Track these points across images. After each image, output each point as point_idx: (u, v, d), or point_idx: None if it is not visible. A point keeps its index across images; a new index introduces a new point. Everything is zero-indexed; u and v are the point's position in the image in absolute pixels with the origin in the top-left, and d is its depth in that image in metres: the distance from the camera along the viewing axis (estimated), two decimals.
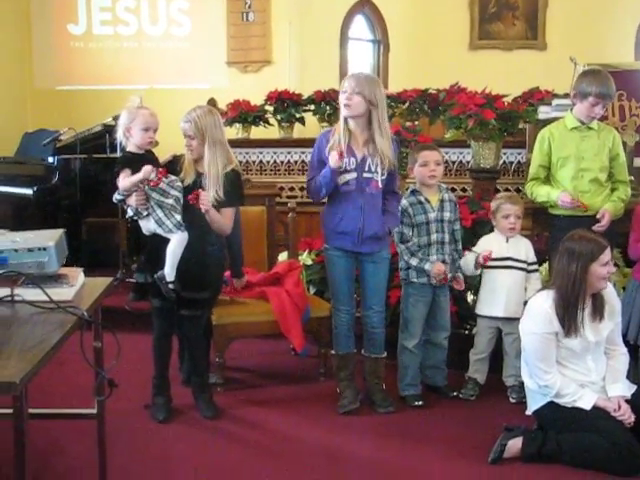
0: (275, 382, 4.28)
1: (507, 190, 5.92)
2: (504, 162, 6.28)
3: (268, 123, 7.20)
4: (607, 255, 3.27)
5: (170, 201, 3.52)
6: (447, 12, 9.51)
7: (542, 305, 3.31)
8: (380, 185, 3.66)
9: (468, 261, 3.98)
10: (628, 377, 3.46)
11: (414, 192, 3.95)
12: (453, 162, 6.43)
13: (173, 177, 3.56)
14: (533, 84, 7.07)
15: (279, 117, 7.18)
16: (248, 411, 3.83)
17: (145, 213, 3.51)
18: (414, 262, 3.88)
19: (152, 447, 3.41)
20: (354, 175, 3.65)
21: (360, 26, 9.45)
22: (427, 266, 3.85)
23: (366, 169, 3.65)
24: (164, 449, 3.39)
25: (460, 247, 4.04)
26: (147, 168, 3.41)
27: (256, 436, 3.55)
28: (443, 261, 3.91)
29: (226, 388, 4.09)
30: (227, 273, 4.10)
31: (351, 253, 3.74)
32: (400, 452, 3.38)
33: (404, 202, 3.90)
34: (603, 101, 3.87)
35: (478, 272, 4.01)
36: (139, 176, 3.41)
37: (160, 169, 3.47)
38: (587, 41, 8.77)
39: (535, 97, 6.38)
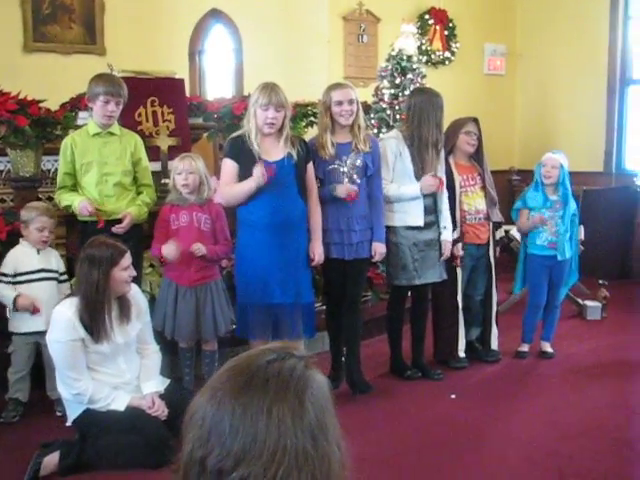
0: None
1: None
2: (56, 169, 6.10)
3: None
4: (127, 259, 3.36)
5: None
6: None
7: (65, 313, 3.28)
8: None
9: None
10: (163, 373, 3.61)
11: None
12: (1, 171, 6.08)
13: None
14: None
15: None
16: None
17: None
18: None
19: None
20: None
21: None
22: None
23: None
24: None
25: None
26: None
27: None
28: None
29: None
30: None
31: None
32: None
33: None
34: (113, 98, 3.95)
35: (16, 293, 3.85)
36: None
37: None
38: (146, 47, 8.95)
39: (83, 103, 6.31)
